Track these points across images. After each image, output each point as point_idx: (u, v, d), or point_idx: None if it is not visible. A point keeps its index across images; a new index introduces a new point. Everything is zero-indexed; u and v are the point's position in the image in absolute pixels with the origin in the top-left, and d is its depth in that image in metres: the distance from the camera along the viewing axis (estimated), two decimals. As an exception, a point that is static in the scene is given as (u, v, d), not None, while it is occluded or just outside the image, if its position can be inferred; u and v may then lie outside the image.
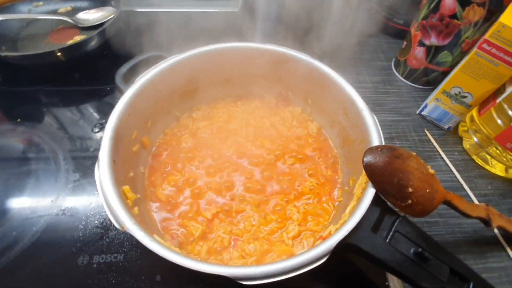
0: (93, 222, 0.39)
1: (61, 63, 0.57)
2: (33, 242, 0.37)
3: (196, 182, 0.40)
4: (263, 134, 0.45)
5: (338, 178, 0.41)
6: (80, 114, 0.53)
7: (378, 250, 0.27)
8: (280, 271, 0.23)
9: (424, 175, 0.29)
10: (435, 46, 0.50)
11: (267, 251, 0.34)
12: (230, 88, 0.48)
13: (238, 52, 0.43)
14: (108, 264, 0.36)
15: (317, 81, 0.42)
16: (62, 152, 0.46)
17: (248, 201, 0.38)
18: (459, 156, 0.49)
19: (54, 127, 0.50)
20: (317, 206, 0.38)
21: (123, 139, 0.34)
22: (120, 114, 0.34)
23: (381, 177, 0.28)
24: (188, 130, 0.45)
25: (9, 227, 0.38)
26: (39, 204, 0.41)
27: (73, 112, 0.53)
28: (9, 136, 0.48)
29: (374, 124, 0.34)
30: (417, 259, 0.26)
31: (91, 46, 0.58)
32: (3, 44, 0.59)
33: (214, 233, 0.35)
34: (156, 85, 0.39)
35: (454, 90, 0.46)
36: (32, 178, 0.43)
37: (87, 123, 0.51)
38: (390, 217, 0.29)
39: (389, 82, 0.60)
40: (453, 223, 0.41)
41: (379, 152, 0.29)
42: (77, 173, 0.44)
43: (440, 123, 0.51)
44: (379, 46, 0.67)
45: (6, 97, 0.54)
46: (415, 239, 0.27)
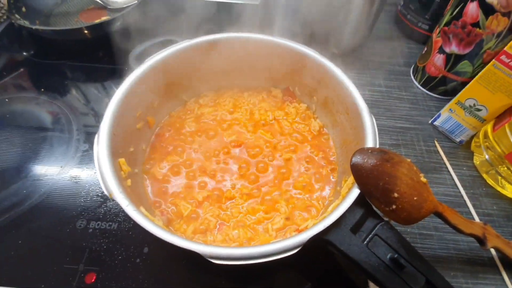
0: (95, 190, 0.42)
1: (87, 40, 0.60)
2: (40, 202, 0.41)
3: (192, 165, 0.41)
4: (265, 127, 0.45)
5: (333, 177, 0.41)
6: (97, 90, 0.56)
7: (353, 251, 0.26)
8: (247, 255, 0.24)
9: (414, 182, 0.29)
10: (455, 55, 0.47)
11: (250, 239, 0.35)
12: (239, 78, 0.49)
13: (249, 43, 0.44)
14: (102, 231, 0.38)
15: (323, 78, 0.42)
16: (76, 123, 0.49)
17: (240, 189, 0.39)
18: (467, 171, 0.46)
19: (73, 100, 0.53)
20: (307, 202, 0.38)
21: (126, 115, 0.36)
22: (126, 91, 0.36)
23: (367, 179, 0.28)
24: (193, 115, 0.46)
25: (21, 185, 0.42)
26: (49, 168, 0.44)
27: (92, 87, 0.56)
28: (32, 104, 0.52)
29: (371, 126, 0.33)
30: (393, 265, 0.26)
31: (115, 26, 0.61)
32: (37, 18, 0.63)
33: (202, 215, 0.37)
34: (165, 67, 0.40)
35: (469, 101, 0.44)
36: (47, 144, 0.47)
37: (103, 99, 0.54)
38: (373, 220, 0.28)
39: (405, 88, 0.58)
40: (448, 238, 0.40)
41: (368, 153, 0.29)
42: (87, 144, 0.47)
43: (452, 135, 0.49)
44: (400, 51, 0.64)
45: (35, 68, 0.59)
46: (394, 245, 0.27)
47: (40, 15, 0.64)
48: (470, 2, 0.42)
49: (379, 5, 0.55)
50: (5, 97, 0.52)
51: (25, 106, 0.51)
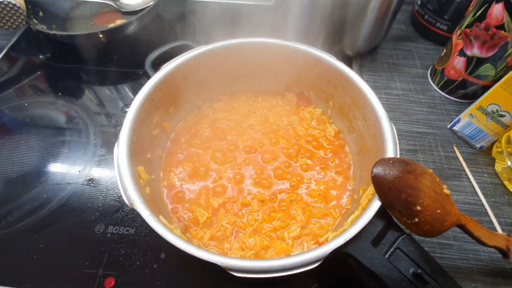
0: (112, 195, 0.43)
1: (102, 44, 0.61)
2: (60, 206, 0.41)
3: (208, 171, 0.41)
4: (280, 132, 0.45)
5: (350, 185, 0.40)
6: (113, 94, 0.57)
7: (375, 265, 0.26)
8: (268, 269, 0.24)
9: (437, 195, 0.28)
10: (477, 58, 0.46)
11: (266, 247, 0.35)
12: (253, 83, 0.48)
13: (264, 48, 0.43)
14: (120, 236, 0.39)
15: (340, 83, 0.41)
16: (93, 127, 0.50)
17: (255, 195, 0.39)
18: (489, 178, 0.45)
19: (89, 104, 0.54)
20: (323, 211, 0.38)
21: (144, 122, 0.36)
22: (144, 99, 0.36)
23: (389, 191, 0.27)
24: (207, 120, 0.46)
25: (41, 190, 0.43)
26: (68, 172, 0.45)
27: (108, 91, 0.57)
28: (50, 108, 0.53)
29: (392, 134, 0.33)
30: (416, 280, 0.25)
31: (130, 30, 0.61)
32: (54, 22, 0.64)
33: (218, 222, 0.37)
34: (181, 74, 0.41)
35: (492, 107, 0.42)
36: (65, 148, 0.48)
37: (119, 103, 0.54)
38: (394, 233, 0.28)
39: (422, 92, 0.56)
40: (469, 248, 0.39)
41: (390, 165, 0.28)
42: (104, 148, 0.48)
43: (472, 141, 0.48)
44: (417, 52, 0.63)
45: (52, 72, 0.60)
46: (416, 259, 0.26)
47: (57, 19, 0.65)
48: (495, 3, 0.40)
49: (396, 5, 0.53)
50: (24, 102, 0.53)
51: (44, 111, 0.53)
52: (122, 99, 0.55)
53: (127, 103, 0.54)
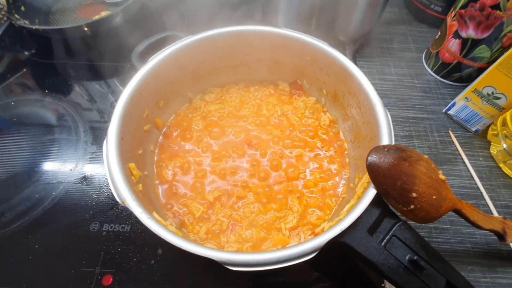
0: (106, 193, 0.42)
1: (87, 38, 0.59)
2: (53, 206, 0.41)
3: (202, 165, 0.40)
4: (274, 122, 0.44)
5: (345, 174, 0.40)
6: (102, 88, 0.55)
7: (371, 253, 0.26)
8: (264, 262, 0.24)
9: (433, 181, 0.28)
10: (472, 39, 0.45)
11: (263, 238, 0.35)
12: (245, 73, 0.47)
13: (255, 36, 0.42)
14: (116, 233, 0.39)
15: (333, 71, 0.40)
16: (83, 123, 0.49)
17: (251, 188, 0.39)
18: (484, 162, 0.45)
19: (78, 100, 0.53)
20: (320, 200, 0.38)
21: (134, 117, 0.35)
22: (131, 93, 0.35)
23: (384, 179, 0.27)
24: (199, 113, 0.45)
25: (33, 190, 0.42)
26: (59, 171, 0.44)
27: (96, 86, 0.56)
28: (37, 106, 0.51)
29: (386, 121, 0.32)
30: (412, 267, 0.25)
31: (115, 22, 0.59)
32: (36, 16, 0.62)
33: (214, 216, 0.36)
34: (169, 65, 0.39)
35: (487, 90, 0.42)
36: (55, 146, 0.46)
37: (108, 98, 0.53)
38: (390, 220, 0.28)
39: (417, 76, 0.55)
40: (465, 232, 0.39)
41: (385, 152, 0.28)
42: (95, 145, 0.47)
43: (468, 124, 0.47)
44: (411, 35, 0.62)
45: (38, 68, 0.58)
46: (413, 246, 0.26)
47: (39, 13, 0.63)
48: (489, -18, 0.39)
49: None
50: (11, 100, 0.52)
51: (31, 109, 0.51)
52: (111, 94, 0.54)
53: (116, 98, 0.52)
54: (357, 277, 0.37)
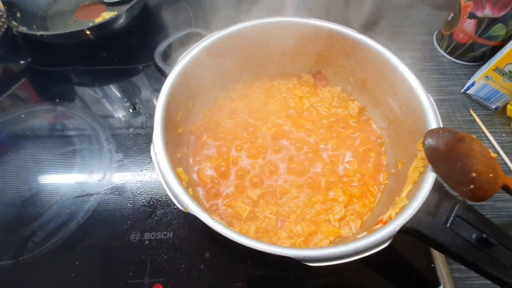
0: (140, 201, 0.41)
1: (90, 41, 0.56)
2: (86, 219, 0.39)
3: (238, 163, 0.40)
4: (304, 114, 0.44)
5: (383, 160, 0.40)
6: (115, 93, 0.53)
7: (439, 235, 0.26)
8: (343, 254, 0.24)
9: (487, 159, 0.28)
10: (488, 18, 0.46)
11: (314, 232, 0.35)
12: (268, 66, 0.46)
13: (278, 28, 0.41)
14: (159, 241, 0.37)
15: (363, 57, 0.40)
16: (103, 131, 0.47)
17: (292, 182, 0.38)
18: (507, 137, 0.46)
19: (93, 107, 0.50)
20: (362, 189, 0.38)
21: (170, 120, 0.34)
22: (167, 96, 0.33)
23: (443, 162, 0.27)
24: (226, 111, 0.44)
25: (62, 205, 0.40)
26: (87, 182, 0.42)
27: (108, 91, 0.53)
28: (51, 116, 0.49)
29: (431, 104, 0.33)
30: (480, 245, 0.26)
31: (120, 24, 0.57)
32: (34, 22, 0.58)
33: (261, 214, 0.36)
34: (198, 64, 0.38)
35: (509, 67, 0.43)
36: (78, 157, 0.44)
37: (123, 103, 0.51)
38: (449, 202, 0.28)
39: (431, 58, 0.56)
40: (500, 206, 0.40)
41: (440, 135, 0.28)
42: (120, 153, 0.45)
43: (488, 102, 0.49)
44: (419, 18, 0.62)
45: (39, 77, 0.55)
46: (477, 224, 0.27)
47: (36, 18, 0.59)
48: (508, -40, 0.40)
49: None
50: (21, 113, 0.49)
51: (44, 120, 0.48)
52: (127, 98, 0.52)
53: (133, 103, 0.51)
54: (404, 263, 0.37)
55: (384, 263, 0.36)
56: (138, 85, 0.53)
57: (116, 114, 0.49)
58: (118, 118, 0.49)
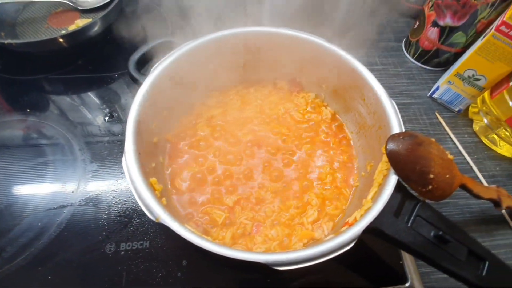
0: (116, 211, 0.40)
1: (63, 49, 0.55)
2: (59, 232, 0.38)
3: (215, 171, 0.40)
4: (278, 121, 0.45)
5: (354, 163, 0.42)
6: (90, 102, 0.52)
7: (401, 234, 0.28)
8: (310, 257, 0.25)
9: (444, 161, 0.30)
10: (449, 27, 0.49)
11: (288, 235, 0.36)
12: (243, 74, 0.47)
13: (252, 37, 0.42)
14: (135, 251, 0.37)
15: (334, 65, 0.42)
16: (76, 141, 0.46)
17: (268, 187, 0.39)
18: (469, 138, 0.50)
19: (65, 117, 0.49)
20: (334, 191, 0.39)
21: (144, 130, 0.34)
22: (140, 106, 0.34)
23: (404, 164, 0.29)
24: (203, 118, 0.45)
25: (34, 218, 0.39)
26: (60, 194, 0.41)
27: (82, 100, 0.52)
28: (21, 127, 0.47)
29: (394, 110, 0.34)
30: (437, 241, 0.28)
31: (94, 32, 0.56)
32: (1, 29, 0.57)
33: (237, 220, 0.37)
34: (171, 73, 0.38)
35: (468, 72, 0.46)
36: (50, 168, 0.43)
37: (99, 112, 0.50)
38: (411, 202, 0.30)
39: (400, 64, 0.59)
40: (462, 204, 0.43)
41: (401, 140, 0.30)
42: (94, 163, 0.44)
43: (451, 105, 0.52)
44: (388, 26, 0.65)
45: (9, 86, 0.53)
46: (435, 222, 0.29)
47: (4, 25, 0.57)
48: (463, -26, 0.43)
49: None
50: (-11, 124, 0.47)
51: (13, 131, 0.47)
52: (101, 107, 0.51)
53: (109, 112, 0.50)
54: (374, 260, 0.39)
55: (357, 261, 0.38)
56: (114, 94, 0.53)
57: (91, 123, 0.49)
58: (93, 127, 0.48)
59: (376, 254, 0.39)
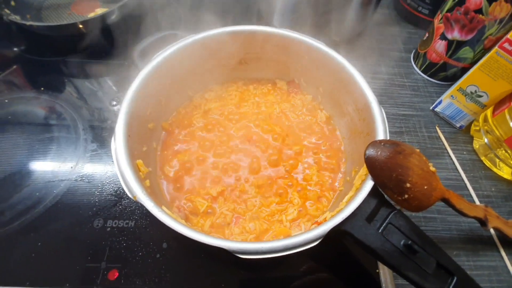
0: (108, 190, 0.42)
1: (82, 35, 0.58)
2: (54, 204, 0.41)
3: (204, 161, 0.42)
4: (272, 119, 0.46)
5: (341, 168, 0.42)
6: (99, 86, 0.55)
7: (369, 239, 0.28)
8: (271, 249, 0.26)
9: (424, 172, 0.30)
10: (457, 41, 0.48)
11: (266, 230, 0.37)
12: (244, 71, 0.48)
13: (254, 36, 0.43)
14: (120, 229, 0.39)
15: (331, 70, 0.42)
16: (81, 122, 0.49)
17: (252, 182, 0.40)
18: (468, 155, 0.48)
19: (75, 98, 0.52)
20: (318, 193, 0.40)
21: (139, 115, 0.36)
22: (136, 91, 0.35)
23: (381, 171, 0.29)
24: (200, 110, 0.46)
25: (33, 188, 0.42)
26: (60, 169, 0.44)
27: (93, 84, 0.55)
28: (34, 104, 0.51)
29: (382, 118, 0.34)
30: (406, 250, 0.28)
31: (111, 20, 0.59)
32: (28, 12, 0.61)
33: (218, 210, 0.38)
34: (172, 64, 0.40)
35: (470, 88, 0.45)
36: (54, 144, 0.46)
37: (106, 96, 0.53)
38: (386, 209, 0.30)
39: (406, 75, 0.58)
40: (451, 220, 0.42)
41: (381, 146, 0.30)
42: (95, 143, 0.47)
43: (453, 121, 0.51)
44: (399, 36, 0.65)
45: (30, 66, 0.57)
46: (407, 232, 0.28)
47: (31, 8, 0.62)
48: (473, -12, 0.42)
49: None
50: (5, 98, 0.51)
51: (26, 107, 0.51)
52: (109, 92, 0.54)
53: (114, 97, 0.53)
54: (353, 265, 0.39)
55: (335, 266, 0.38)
56: (122, 81, 0.55)
57: (97, 106, 0.51)
58: (98, 110, 0.51)
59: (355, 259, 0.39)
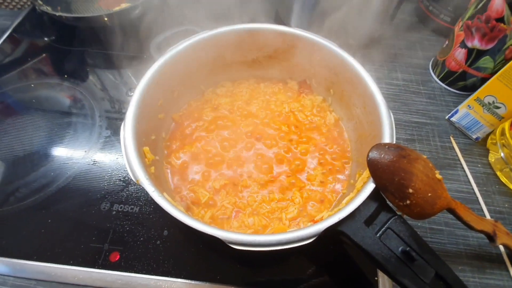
0: (117, 175, 0.44)
1: (106, 27, 0.61)
2: (67, 184, 0.43)
3: (210, 154, 0.42)
4: (281, 118, 0.46)
5: (346, 170, 0.41)
6: (118, 77, 0.58)
7: (366, 242, 0.28)
8: (265, 243, 0.26)
9: (429, 179, 0.29)
10: (477, 50, 0.46)
11: (264, 226, 0.37)
12: (256, 69, 0.49)
13: (267, 34, 0.44)
14: (125, 213, 0.41)
15: (341, 71, 0.42)
16: (98, 110, 0.51)
17: (255, 178, 0.40)
18: (482, 168, 0.46)
19: (94, 86, 0.55)
20: (320, 194, 0.39)
21: (149, 104, 0.37)
22: (149, 81, 0.37)
23: (383, 174, 0.29)
24: (210, 104, 0.47)
25: (49, 168, 0.44)
26: (74, 152, 0.46)
27: (112, 74, 0.58)
28: (56, 90, 0.54)
29: (389, 120, 0.34)
30: (404, 257, 0.27)
31: (135, 14, 0.61)
32: (59, 4, 0.65)
33: (219, 203, 0.38)
34: (186, 57, 0.41)
35: (488, 98, 0.43)
36: (72, 129, 0.49)
37: (124, 87, 0.55)
38: (386, 214, 0.29)
39: (423, 83, 0.57)
40: (458, 234, 0.41)
41: (385, 149, 0.30)
42: (109, 130, 0.49)
43: (469, 132, 0.49)
44: (419, 43, 0.63)
45: (57, 54, 0.60)
46: (406, 238, 0.28)
47: (61, 1, 0.65)
48: (497, -5, 0.41)
49: (400, -4, 0.54)
50: (30, 83, 0.54)
51: (50, 92, 0.54)
52: (127, 84, 0.56)
53: (131, 88, 0.55)
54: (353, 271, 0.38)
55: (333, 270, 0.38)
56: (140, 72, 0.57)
57: (114, 96, 0.54)
58: (115, 100, 0.53)
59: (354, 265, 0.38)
